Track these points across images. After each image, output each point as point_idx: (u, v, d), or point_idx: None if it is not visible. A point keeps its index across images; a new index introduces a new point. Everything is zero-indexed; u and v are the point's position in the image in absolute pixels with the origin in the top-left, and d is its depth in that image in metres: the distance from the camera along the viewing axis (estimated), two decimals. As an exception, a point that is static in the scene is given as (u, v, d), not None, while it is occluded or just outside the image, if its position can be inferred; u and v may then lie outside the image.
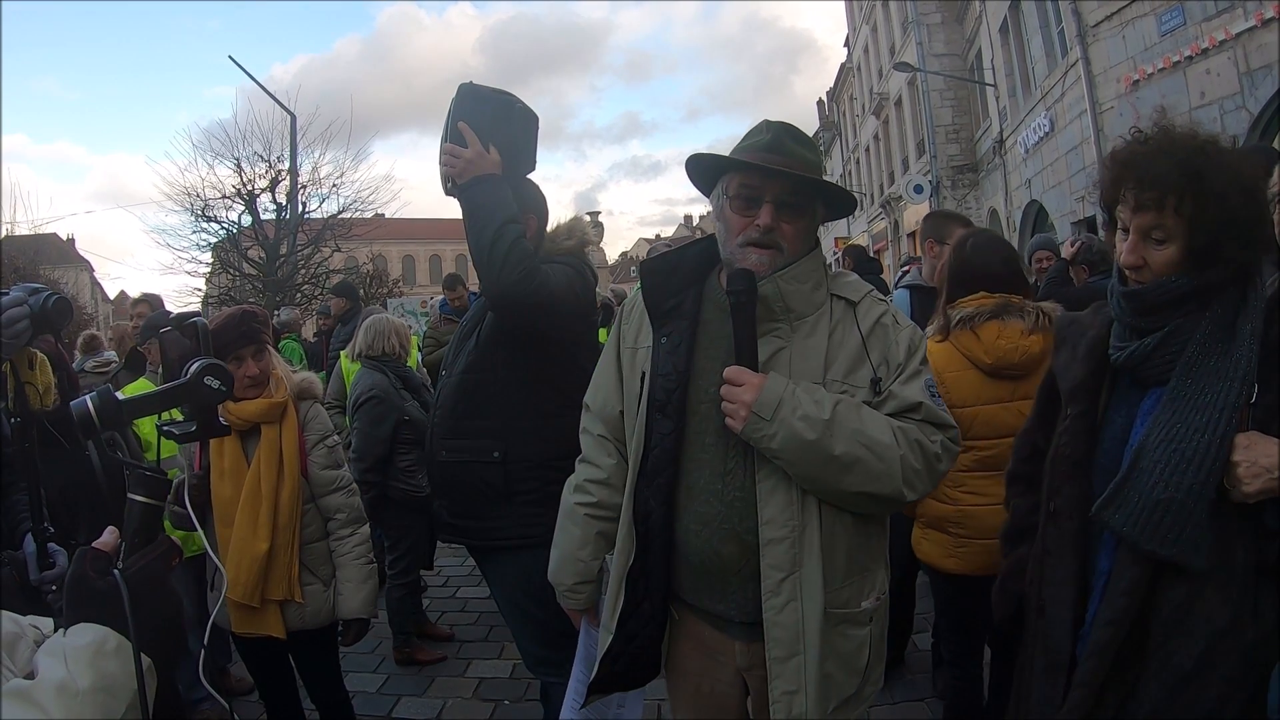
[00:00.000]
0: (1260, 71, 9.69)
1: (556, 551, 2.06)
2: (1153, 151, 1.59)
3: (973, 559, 2.68)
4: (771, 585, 1.69)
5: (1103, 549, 1.66)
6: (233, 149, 20.19)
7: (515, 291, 2.33)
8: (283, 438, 2.81)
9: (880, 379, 1.75)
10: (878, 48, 28.85)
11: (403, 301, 13.54)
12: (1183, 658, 1.51)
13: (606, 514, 1.97)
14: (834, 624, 1.73)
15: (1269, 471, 1.45)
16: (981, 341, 2.64)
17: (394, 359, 4.57)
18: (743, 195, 1.79)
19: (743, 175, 1.79)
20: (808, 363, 1.75)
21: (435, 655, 4.42)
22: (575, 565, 2.01)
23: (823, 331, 1.78)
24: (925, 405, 1.73)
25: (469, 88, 2.49)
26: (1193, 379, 1.54)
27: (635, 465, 1.85)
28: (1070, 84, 14.45)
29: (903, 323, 1.83)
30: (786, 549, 1.69)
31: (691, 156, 1.88)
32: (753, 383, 1.67)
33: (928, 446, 1.71)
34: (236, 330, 2.75)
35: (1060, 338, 1.91)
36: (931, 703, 3.54)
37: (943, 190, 22.48)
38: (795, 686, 1.69)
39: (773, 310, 1.76)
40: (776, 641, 1.70)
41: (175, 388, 1.41)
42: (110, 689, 1.07)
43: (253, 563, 2.67)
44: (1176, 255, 1.57)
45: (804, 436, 1.62)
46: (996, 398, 2.64)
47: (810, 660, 1.68)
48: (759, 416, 1.64)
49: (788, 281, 1.76)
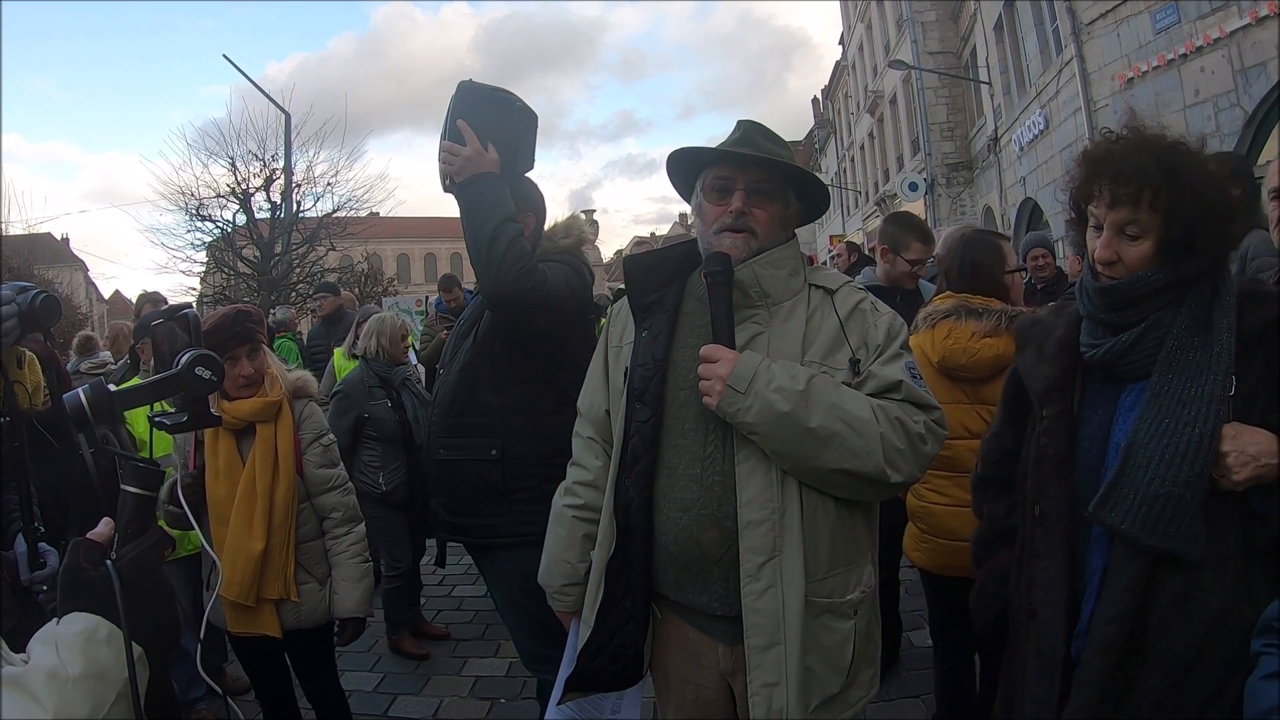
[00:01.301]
0: (1254, 69, 9.72)
1: (546, 554, 2.09)
2: (1128, 149, 1.62)
3: (934, 556, 2.75)
4: (750, 570, 1.67)
5: (1094, 547, 1.66)
6: (227, 148, 20.21)
7: (513, 290, 2.33)
8: (278, 436, 2.80)
9: (859, 360, 1.75)
10: (872, 45, 28.87)
11: (398, 300, 13.56)
12: (1183, 647, 1.53)
13: (593, 515, 1.96)
14: (816, 614, 1.69)
15: (1256, 459, 1.48)
16: (933, 339, 2.68)
17: (378, 358, 4.62)
18: (716, 186, 1.85)
19: (716, 167, 1.86)
20: (785, 344, 1.76)
21: (421, 650, 4.43)
22: (562, 567, 2.03)
23: (800, 316, 1.80)
24: (906, 384, 1.73)
25: (469, 85, 2.48)
26: (1174, 373, 1.57)
27: (616, 457, 1.87)
28: (1065, 82, 14.47)
29: (882, 309, 1.85)
30: (766, 531, 1.67)
31: (670, 155, 1.93)
32: (728, 358, 1.69)
33: (910, 425, 1.70)
34: (231, 330, 2.74)
35: (1023, 339, 1.92)
36: (927, 700, 3.53)
37: (937, 188, 22.51)
38: (775, 679, 1.66)
39: (750, 296, 1.79)
40: (755, 629, 1.67)
41: (166, 378, 1.40)
42: (101, 676, 1.07)
43: (248, 562, 2.66)
44: (1150, 250, 1.60)
45: (778, 408, 1.63)
46: (954, 398, 2.66)
47: (791, 651, 1.65)
48: (733, 390, 1.65)
49: (763, 267, 1.79)
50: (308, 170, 21.20)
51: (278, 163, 20.51)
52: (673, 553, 1.78)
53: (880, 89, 28.19)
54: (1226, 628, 1.51)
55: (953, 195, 22.40)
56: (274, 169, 20.60)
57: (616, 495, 1.84)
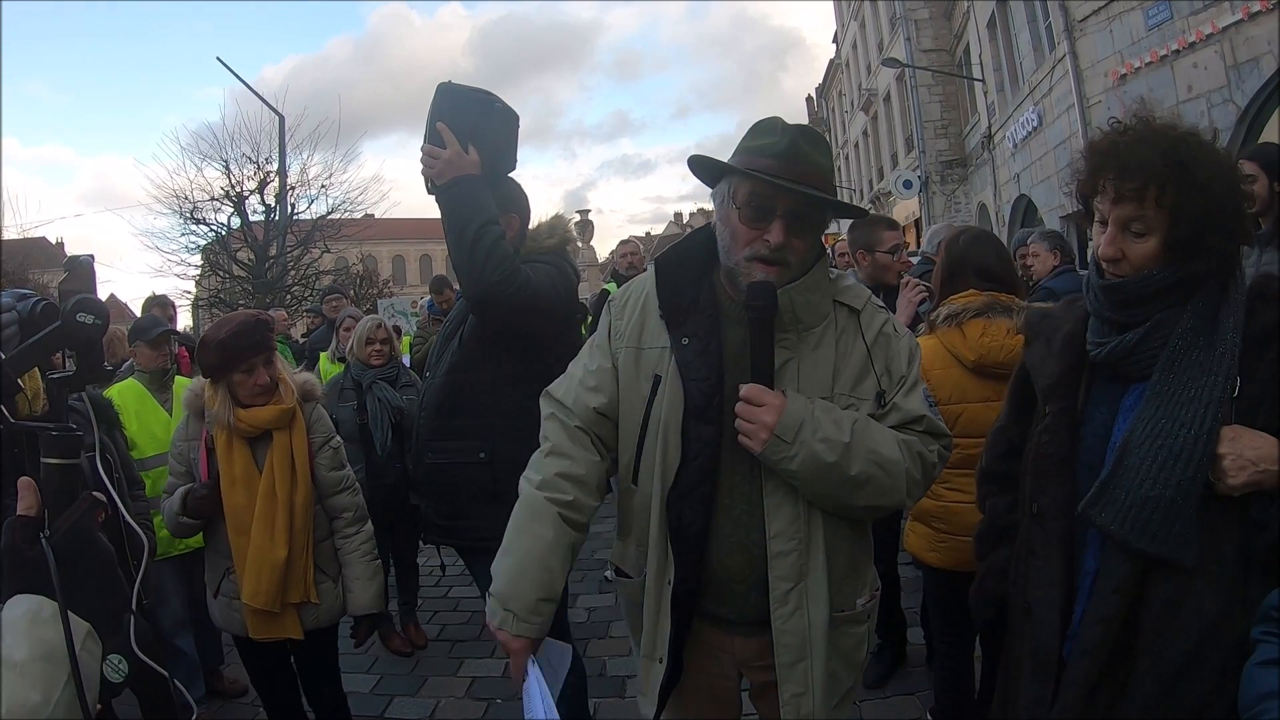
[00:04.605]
0: (1247, 65, 9.72)
1: (513, 557, 1.72)
2: (1134, 141, 1.55)
3: (953, 554, 2.71)
4: (779, 595, 1.70)
5: (1089, 548, 1.64)
6: (221, 151, 20.09)
7: (496, 292, 2.33)
8: (293, 443, 2.82)
9: (884, 391, 1.74)
10: (866, 44, 28.88)
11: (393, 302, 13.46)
12: (1175, 652, 1.49)
13: (578, 519, 1.76)
14: (837, 626, 1.75)
15: (1254, 464, 1.43)
16: (966, 338, 2.63)
17: (355, 360, 4.65)
18: (753, 205, 1.68)
19: (754, 184, 1.67)
20: (817, 374, 1.72)
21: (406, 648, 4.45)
22: (542, 575, 1.69)
23: (829, 342, 1.74)
24: (927, 418, 1.75)
25: (447, 87, 2.46)
26: (1175, 373, 1.52)
27: (667, 477, 1.73)
28: (1058, 79, 14.48)
29: (901, 331, 1.83)
30: (794, 561, 1.69)
31: (701, 160, 1.78)
32: (774, 404, 1.62)
33: (927, 457, 1.73)
34: (250, 339, 2.75)
35: (1032, 332, 1.87)
36: (924, 696, 3.54)
37: (932, 185, 22.53)
38: (803, 689, 1.71)
39: (782, 321, 1.70)
40: (785, 648, 1.70)
41: (50, 331, 1.34)
42: (50, 657, 1.04)
43: (273, 570, 2.68)
44: (1156, 247, 1.54)
45: (824, 459, 1.60)
46: (983, 396, 2.63)
47: (816, 663, 1.70)
48: (780, 439, 1.60)
49: (800, 294, 1.70)
50: (302, 172, 21.10)
51: (271, 165, 20.41)
52: None
53: (874, 87, 28.23)
54: (1221, 635, 1.47)
55: (947, 193, 22.43)
56: (268, 172, 20.49)
57: (670, 517, 1.74)
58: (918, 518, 2.82)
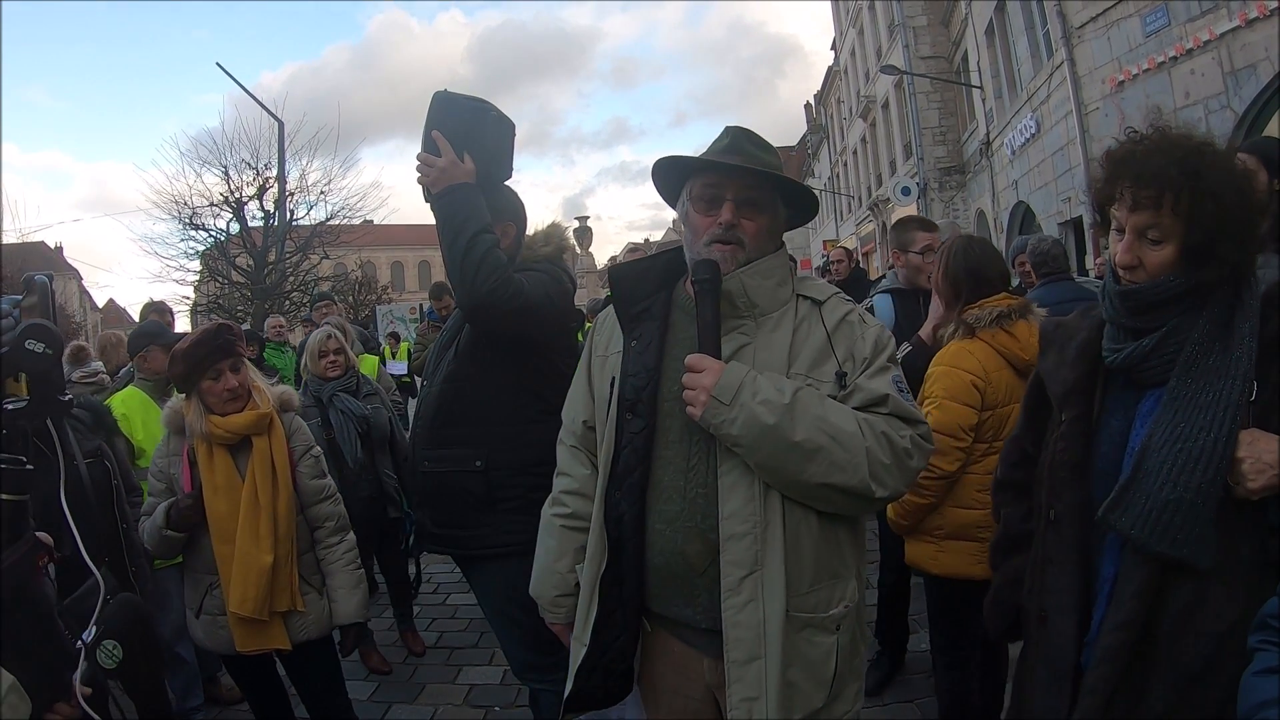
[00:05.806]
0: (1244, 71, 9.75)
1: (536, 566, 2.05)
2: (1150, 150, 1.57)
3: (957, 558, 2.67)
4: (731, 583, 1.65)
5: (1106, 554, 1.63)
6: (220, 156, 20.12)
7: (490, 301, 2.32)
8: (273, 449, 2.82)
9: (845, 373, 1.72)
10: (864, 51, 28.98)
11: (392, 308, 13.51)
12: (1192, 658, 1.50)
13: (582, 524, 1.93)
14: (798, 628, 1.67)
15: (1273, 467, 1.44)
16: (1018, 339, 2.64)
17: (311, 376, 4.50)
18: (705, 196, 1.81)
19: (705, 176, 1.82)
20: (772, 356, 1.73)
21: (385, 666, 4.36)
22: (553, 577, 1.99)
23: (787, 327, 1.77)
24: (892, 398, 1.71)
25: (443, 96, 2.47)
26: (1192, 378, 1.53)
27: (606, 468, 1.83)
28: (1056, 85, 14.53)
29: (870, 321, 1.83)
30: (748, 545, 1.65)
31: (656, 163, 1.89)
32: (713, 368, 1.66)
33: (896, 440, 1.67)
34: (212, 344, 2.78)
35: (1046, 341, 1.88)
36: (922, 703, 3.53)
37: (930, 192, 22.59)
38: (756, 693, 1.63)
39: (737, 306, 1.76)
40: (736, 643, 1.64)
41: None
42: None
43: (260, 576, 2.67)
44: (1172, 255, 1.55)
45: (763, 420, 1.60)
46: None
47: (771, 665, 1.63)
48: (718, 401, 1.63)
49: (751, 277, 1.76)
50: (301, 178, 21.16)
51: (271, 171, 20.47)
52: (658, 565, 1.77)
53: (872, 94, 28.31)
54: (1238, 640, 1.45)
55: (945, 199, 22.48)
56: (267, 177, 20.55)
57: (606, 508, 1.81)
58: (954, 534, 2.71)
